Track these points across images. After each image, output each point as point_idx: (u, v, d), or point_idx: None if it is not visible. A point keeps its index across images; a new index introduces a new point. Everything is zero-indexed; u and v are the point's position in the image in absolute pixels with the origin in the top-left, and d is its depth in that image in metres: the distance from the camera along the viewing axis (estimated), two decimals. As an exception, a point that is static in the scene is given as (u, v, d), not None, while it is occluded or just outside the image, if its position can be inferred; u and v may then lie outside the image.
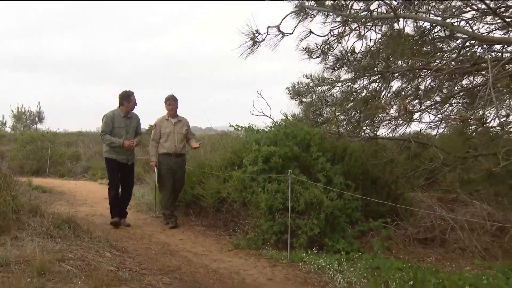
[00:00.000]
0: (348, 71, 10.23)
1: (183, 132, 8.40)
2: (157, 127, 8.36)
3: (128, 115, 8.08)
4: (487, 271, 5.81)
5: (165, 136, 8.28)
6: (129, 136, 7.98)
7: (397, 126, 10.64)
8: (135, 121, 8.20)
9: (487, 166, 8.16)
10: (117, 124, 7.91)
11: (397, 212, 7.57)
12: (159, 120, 8.47)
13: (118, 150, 7.88)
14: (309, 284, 5.60)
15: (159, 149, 8.30)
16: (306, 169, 7.48)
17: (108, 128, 7.87)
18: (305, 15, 8.49)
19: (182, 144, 8.40)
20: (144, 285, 3.96)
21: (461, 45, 9.48)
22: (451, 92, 10.46)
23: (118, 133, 7.91)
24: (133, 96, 8.04)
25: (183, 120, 8.54)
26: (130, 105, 8.05)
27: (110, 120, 7.88)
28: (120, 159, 7.95)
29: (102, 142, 8.14)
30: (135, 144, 8.00)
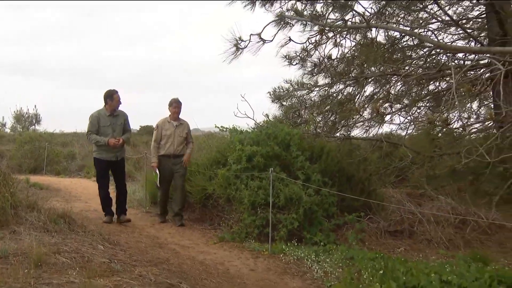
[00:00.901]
0: (325, 76, 10.31)
1: (183, 136, 8.05)
2: (159, 129, 8.03)
3: (115, 114, 7.70)
4: (450, 260, 5.85)
5: (165, 138, 7.96)
6: (116, 134, 7.60)
7: (370, 127, 10.79)
8: (122, 118, 7.81)
9: (451, 164, 8.26)
10: (103, 123, 7.56)
11: (370, 206, 7.61)
12: (161, 121, 8.12)
13: (105, 148, 7.55)
14: (288, 273, 5.60)
15: (160, 150, 7.99)
16: (286, 167, 7.45)
17: (93, 127, 7.56)
18: (285, 24, 8.52)
19: (181, 147, 8.04)
20: (134, 276, 3.93)
21: (427, 53, 9.62)
22: (419, 96, 10.60)
23: (104, 131, 7.55)
24: (117, 95, 7.65)
25: (184, 123, 8.17)
26: (114, 103, 7.64)
27: (96, 119, 7.55)
28: (108, 157, 7.63)
29: (89, 141, 7.91)
30: (121, 142, 7.58)
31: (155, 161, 7.94)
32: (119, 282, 3.67)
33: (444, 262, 5.75)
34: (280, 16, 8.05)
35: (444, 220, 7.28)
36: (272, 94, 11.02)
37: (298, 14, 8.84)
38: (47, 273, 3.58)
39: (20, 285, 3.25)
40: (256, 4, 8.73)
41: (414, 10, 10.03)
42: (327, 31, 9.44)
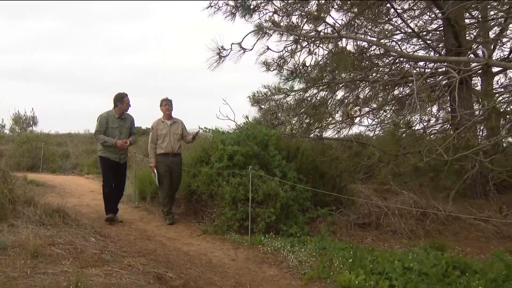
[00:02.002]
0: (300, 82, 10.27)
1: (179, 133, 7.75)
2: (154, 130, 7.70)
3: (123, 116, 7.38)
4: (412, 249, 5.94)
5: (162, 137, 7.64)
6: (122, 136, 7.30)
7: (341, 128, 10.84)
8: (129, 121, 7.51)
9: (414, 162, 8.37)
10: (111, 125, 7.24)
11: (341, 201, 7.66)
12: (155, 122, 7.78)
13: (111, 149, 7.22)
14: (266, 263, 5.64)
15: (157, 150, 7.65)
16: (264, 165, 7.45)
17: (102, 128, 7.21)
18: (263, 34, 8.51)
19: (178, 144, 7.75)
20: (124, 265, 3.93)
21: (392, 62, 9.75)
22: (385, 100, 10.70)
23: (112, 133, 7.23)
24: (127, 98, 7.36)
25: (178, 121, 7.87)
26: (124, 106, 7.34)
27: (105, 120, 7.22)
28: (112, 158, 7.27)
29: (96, 141, 7.47)
30: (128, 144, 7.32)
31: (153, 161, 7.63)
32: (109, 272, 3.67)
33: (406, 250, 5.85)
34: (258, 26, 8.06)
35: (407, 213, 7.36)
36: (251, 98, 11.00)
37: (275, 25, 8.84)
38: (43, 263, 3.56)
39: (18, 274, 3.24)
40: (236, 16, 8.74)
41: (380, 22, 10.17)
42: (301, 40, 9.48)
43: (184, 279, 4.27)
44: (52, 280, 3.23)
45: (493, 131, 7.93)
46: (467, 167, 8.27)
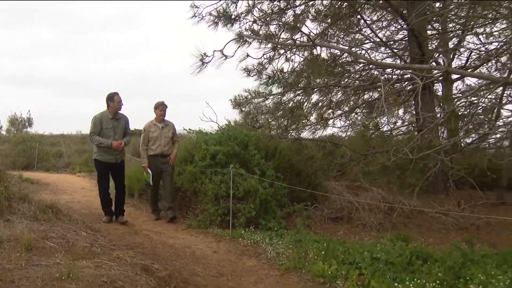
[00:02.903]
0: (278, 86, 10.28)
1: (170, 136, 7.45)
2: (146, 132, 7.41)
3: (117, 117, 6.92)
4: (380, 240, 6.01)
5: (153, 139, 7.35)
6: (117, 136, 6.84)
7: (316, 130, 10.85)
8: (123, 122, 7.03)
9: (382, 161, 8.47)
10: (105, 125, 6.78)
11: (316, 197, 7.69)
12: (148, 124, 7.50)
13: (106, 150, 6.77)
14: (246, 255, 5.66)
15: (148, 151, 7.37)
16: (244, 164, 7.46)
17: (96, 129, 6.75)
18: (244, 41, 8.48)
19: (168, 146, 7.43)
20: (113, 258, 3.91)
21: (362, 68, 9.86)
22: (356, 104, 10.81)
23: (106, 133, 6.78)
24: (117, 96, 6.87)
25: (169, 124, 7.56)
26: (115, 105, 6.85)
27: (98, 121, 6.76)
28: (109, 159, 6.84)
29: (91, 143, 7.01)
30: (123, 145, 6.88)
31: (145, 162, 7.34)
32: (99, 263, 3.64)
33: (375, 242, 5.92)
34: (239, 35, 8.05)
35: (376, 207, 7.45)
36: (233, 101, 10.99)
37: (255, 34, 8.88)
38: (37, 256, 3.52)
39: (13, 266, 3.21)
40: (218, 25, 8.74)
41: (351, 32, 10.30)
42: (279, 48, 9.54)
43: (169, 270, 4.26)
44: (45, 271, 3.20)
45: (453, 133, 8.09)
46: (430, 165, 8.39)
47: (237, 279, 4.67)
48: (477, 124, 8.16)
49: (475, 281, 4.09)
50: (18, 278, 3.04)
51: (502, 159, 8.26)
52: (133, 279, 3.48)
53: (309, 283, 4.62)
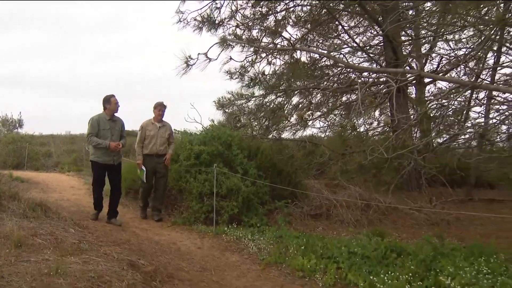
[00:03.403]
0: (260, 88, 10.33)
1: (166, 136, 7.21)
2: (143, 130, 7.19)
3: (113, 119, 6.67)
4: (357, 236, 6.09)
5: (149, 138, 7.14)
6: (114, 138, 6.58)
7: (296, 130, 10.94)
8: (119, 124, 6.77)
9: (359, 160, 8.53)
10: (103, 127, 6.53)
11: (296, 195, 7.77)
12: (145, 123, 7.27)
13: (104, 151, 6.49)
14: (229, 250, 5.67)
15: (143, 150, 7.16)
16: (228, 163, 7.48)
17: (94, 130, 6.49)
18: (227, 45, 8.49)
19: (164, 147, 7.22)
20: (100, 254, 3.88)
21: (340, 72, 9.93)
22: (334, 105, 10.90)
23: (103, 135, 6.53)
24: (114, 98, 6.64)
25: (167, 125, 7.34)
26: (112, 107, 6.61)
27: (96, 123, 6.51)
28: (106, 160, 6.54)
29: (89, 143, 6.74)
30: (121, 146, 6.62)
31: (140, 159, 7.10)
32: (87, 259, 3.62)
33: (352, 237, 5.99)
34: (223, 39, 8.05)
35: (353, 204, 7.52)
36: (216, 103, 11.00)
37: (238, 38, 8.92)
38: (26, 252, 3.48)
39: (2, 263, 3.16)
40: (203, 29, 8.75)
41: (330, 37, 10.40)
42: (261, 52, 9.58)
43: (155, 266, 4.24)
44: (34, 267, 3.17)
45: (425, 133, 8.15)
46: (404, 164, 8.49)
47: (220, 274, 4.68)
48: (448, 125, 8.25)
49: (444, 272, 4.16)
50: (7, 273, 3.01)
51: (470, 158, 8.41)
52: (120, 274, 3.46)
53: (289, 277, 4.65)
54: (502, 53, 8.65)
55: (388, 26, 7.94)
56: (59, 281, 3.00)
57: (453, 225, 7.31)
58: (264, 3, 8.98)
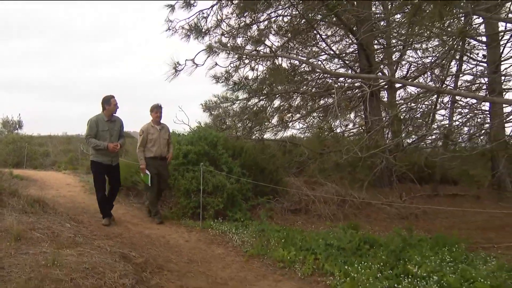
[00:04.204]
0: (243, 92, 10.35)
1: (167, 138, 6.90)
2: (144, 134, 6.77)
3: (112, 119, 6.32)
4: (333, 229, 6.12)
5: (152, 141, 6.73)
6: (113, 139, 6.24)
7: (277, 131, 10.98)
8: (118, 124, 6.43)
9: (335, 159, 8.63)
10: (101, 128, 6.18)
11: (277, 191, 7.79)
12: (145, 127, 6.84)
13: (103, 152, 6.15)
14: (215, 243, 5.68)
15: (146, 153, 6.72)
16: (214, 162, 7.47)
17: (92, 131, 6.14)
18: (213, 52, 8.49)
19: (166, 148, 6.89)
20: (94, 247, 3.91)
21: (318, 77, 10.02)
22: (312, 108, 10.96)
23: (102, 136, 6.17)
24: (113, 99, 6.29)
25: (165, 127, 7.01)
26: (111, 108, 6.27)
27: (94, 124, 6.15)
28: (105, 161, 6.22)
29: (88, 145, 6.37)
30: (119, 147, 6.30)
31: (143, 163, 6.69)
32: (82, 252, 3.63)
33: (329, 230, 6.03)
34: (209, 46, 8.05)
35: (330, 200, 7.61)
36: (203, 106, 10.99)
37: (223, 45, 8.92)
38: (25, 245, 3.47)
39: (3, 255, 3.16)
40: (190, 37, 8.75)
41: (309, 45, 10.49)
42: (244, 58, 9.62)
43: (145, 258, 4.26)
44: (32, 259, 3.17)
45: (396, 134, 8.27)
46: (377, 162, 8.60)
47: (207, 265, 4.69)
48: (416, 126, 8.39)
49: (412, 261, 4.24)
50: (8, 265, 3.02)
51: (436, 157, 8.59)
52: (113, 265, 3.48)
53: (271, 268, 4.68)
54: (463, 62, 8.90)
55: (362, 36, 8.09)
56: (55, 272, 3.01)
57: (420, 218, 7.45)
58: (248, 14, 9.03)
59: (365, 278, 3.98)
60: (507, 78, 7.85)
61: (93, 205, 7.53)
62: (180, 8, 8.36)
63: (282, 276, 4.42)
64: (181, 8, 8.35)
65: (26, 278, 2.86)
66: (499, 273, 3.91)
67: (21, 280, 2.82)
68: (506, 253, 5.05)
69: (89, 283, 2.99)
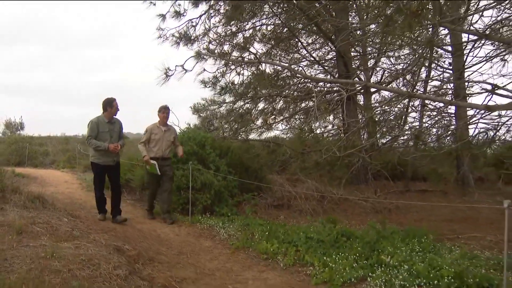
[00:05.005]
0: (230, 96, 10.36)
1: (171, 140, 6.61)
2: (148, 132, 6.55)
3: (112, 121, 6.10)
4: (314, 223, 6.22)
5: (154, 141, 6.50)
6: (113, 140, 6.01)
7: (262, 132, 10.93)
8: (118, 125, 6.19)
9: (315, 158, 8.62)
10: (102, 129, 5.97)
11: (261, 188, 7.85)
12: (151, 127, 6.62)
13: (103, 153, 5.94)
14: (203, 237, 5.72)
15: (148, 153, 6.47)
16: (202, 161, 7.48)
17: (93, 133, 5.92)
18: (201, 58, 8.49)
19: (168, 150, 6.60)
20: (90, 240, 3.94)
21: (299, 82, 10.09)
22: (294, 111, 11.02)
23: (103, 137, 5.95)
24: (115, 102, 6.09)
25: (171, 129, 6.76)
26: (113, 110, 6.06)
27: (96, 125, 5.93)
28: (106, 161, 5.99)
29: (89, 146, 6.18)
30: (119, 148, 6.07)
31: (146, 154, 6.41)
32: (78, 245, 3.65)
33: (309, 224, 6.13)
34: (197, 53, 8.06)
35: (310, 196, 7.68)
36: (192, 108, 10.99)
37: (211, 52, 8.95)
38: (26, 238, 3.48)
39: (6, 247, 3.19)
40: (180, 44, 8.77)
41: (291, 52, 10.58)
42: (231, 64, 9.66)
43: (138, 250, 4.27)
44: (33, 251, 3.21)
45: (371, 135, 8.31)
46: (353, 161, 8.64)
47: (195, 257, 4.72)
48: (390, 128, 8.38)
49: (385, 252, 4.34)
50: (10, 257, 3.04)
51: (408, 156, 8.72)
52: (107, 257, 3.50)
53: (255, 259, 4.73)
54: (432, 69, 9.10)
55: (340, 44, 8.19)
56: (54, 264, 3.04)
57: (393, 212, 7.55)
58: (234, 23, 9.08)
59: (342, 267, 4.06)
60: (470, 84, 8.04)
61: (90, 201, 7.49)
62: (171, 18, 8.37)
63: (266, 267, 4.46)
64: (172, 18, 8.36)
65: (27, 269, 2.89)
66: (462, 260, 4.05)
67: (22, 271, 2.84)
68: (469, 242, 5.21)
69: (86, 273, 3.02)
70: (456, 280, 3.47)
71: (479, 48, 7.35)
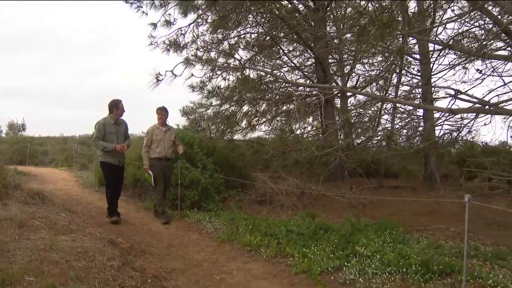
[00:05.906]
0: (216, 99, 10.40)
1: (172, 139, 6.40)
2: (150, 135, 6.31)
3: (117, 122, 5.92)
4: (294, 217, 6.27)
5: (156, 142, 6.28)
6: (119, 140, 5.84)
7: (246, 133, 11.07)
8: (123, 126, 6.03)
9: (295, 157, 8.67)
10: (108, 130, 5.79)
11: (245, 185, 7.88)
12: (151, 128, 6.40)
13: (111, 153, 5.76)
14: (191, 230, 5.73)
15: (151, 154, 6.27)
16: (190, 159, 7.49)
17: (100, 134, 5.73)
18: (190, 64, 8.50)
19: (171, 150, 6.40)
20: (86, 233, 3.95)
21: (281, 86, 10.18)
22: (276, 113, 11.10)
23: (109, 138, 5.76)
24: (121, 104, 5.91)
25: (171, 129, 6.54)
26: (119, 112, 5.88)
27: (102, 126, 5.75)
28: (113, 161, 5.81)
29: (96, 147, 5.99)
30: (126, 148, 5.91)
31: (146, 163, 6.26)
32: (75, 238, 3.67)
33: (290, 218, 6.18)
34: (186, 59, 8.05)
35: (291, 192, 7.74)
36: (181, 111, 11.01)
37: (198, 58, 8.98)
38: (26, 231, 3.51)
39: (8, 240, 3.21)
40: (170, 51, 8.78)
41: (273, 58, 10.67)
42: (217, 69, 9.70)
43: (130, 243, 4.30)
44: (33, 244, 3.23)
45: (347, 135, 8.42)
46: (331, 160, 8.75)
47: (184, 249, 4.74)
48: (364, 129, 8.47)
49: (360, 243, 4.43)
50: (12, 248, 3.06)
51: (381, 155, 8.89)
52: (102, 249, 3.53)
53: (240, 251, 4.76)
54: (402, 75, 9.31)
55: (318, 51, 8.33)
56: (53, 255, 3.07)
57: (367, 207, 7.66)
58: (220, 31, 9.14)
59: (320, 258, 4.12)
60: (436, 89, 8.26)
61: (86, 197, 7.49)
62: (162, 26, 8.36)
63: (250, 258, 4.50)
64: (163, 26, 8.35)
65: (28, 260, 2.91)
66: (428, 250, 4.19)
67: (23, 262, 2.87)
68: (435, 233, 5.35)
69: (82, 264, 3.05)
70: (422, 267, 3.58)
71: (444, 57, 7.61)
